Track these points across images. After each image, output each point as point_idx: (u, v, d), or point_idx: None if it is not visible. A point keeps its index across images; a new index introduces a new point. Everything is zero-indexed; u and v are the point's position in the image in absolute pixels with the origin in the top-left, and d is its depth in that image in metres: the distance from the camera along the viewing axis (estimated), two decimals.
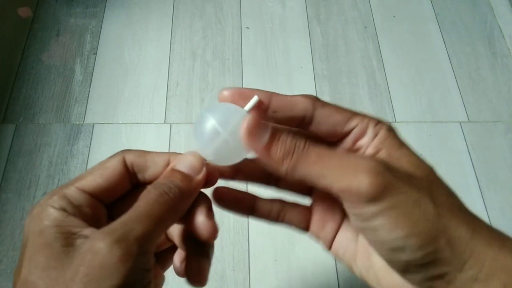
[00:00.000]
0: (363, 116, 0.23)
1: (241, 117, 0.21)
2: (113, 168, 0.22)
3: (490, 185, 0.68)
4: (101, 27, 0.82)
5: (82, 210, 0.20)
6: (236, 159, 0.23)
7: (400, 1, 0.88)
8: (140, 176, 0.23)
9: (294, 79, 0.78)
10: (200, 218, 0.23)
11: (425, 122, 0.74)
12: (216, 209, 0.24)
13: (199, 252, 0.24)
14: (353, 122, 0.23)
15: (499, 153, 0.71)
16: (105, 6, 0.84)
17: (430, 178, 0.21)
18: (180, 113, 0.73)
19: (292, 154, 0.21)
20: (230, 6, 0.85)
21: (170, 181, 0.21)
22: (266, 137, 0.21)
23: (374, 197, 0.19)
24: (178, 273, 0.25)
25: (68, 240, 0.19)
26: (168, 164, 0.23)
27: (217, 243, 0.61)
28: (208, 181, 0.24)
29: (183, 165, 0.22)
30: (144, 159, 0.23)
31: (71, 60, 0.78)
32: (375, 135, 0.22)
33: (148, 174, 0.23)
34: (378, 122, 0.23)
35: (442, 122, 0.74)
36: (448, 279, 0.19)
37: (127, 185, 0.23)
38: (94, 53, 0.79)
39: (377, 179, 0.19)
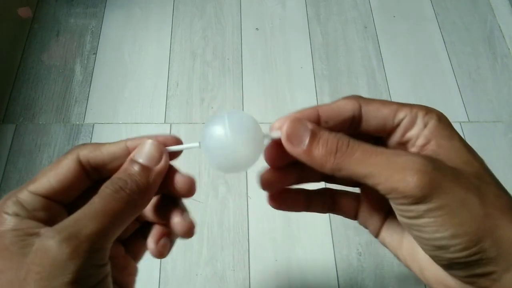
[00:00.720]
0: (411, 106, 0.22)
1: (254, 134, 0.22)
2: (67, 168, 0.21)
3: None
4: (101, 27, 0.82)
5: (36, 214, 0.20)
6: (244, 167, 0.23)
7: (400, 1, 0.88)
8: (102, 171, 0.23)
9: (294, 79, 0.78)
10: (176, 219, 0.23)
11: None
12: (217, 206, 0.24)
13: (178, 209, 0.24)
14: (401, 114, 0.22)
15: (499, 153, 0.71)
16: (105, 6, 0.84)
17: (480, 175, 0.21)
18: (180, 113, 0.73)
19: (336, 153, 0.20)
20: (230, 6, 0.85)
21: (127, 176, 0.21)
22: (307, 136, 0.20)
23: (421, 198, 0.19)
24: (154, 254, 0.24)
25: (25, 242, 0.18)
26: (127, 152, 0.23)
27: (217, 243, 0.61)
28: (188, 191, 0.23)
29: (141, 155, 0.22)
30: (100, 152, 0.22)
31: (71, 60, 0.78)
32: (425, 125, 0.22)
33: (109, 167, 0.22)
34: (428, 111, 0.22)
35: None
36: (493, 278, 0.19)
37: (85, 182, 0.22)
38: (94, 53, 0.79)
39: (424, 179, 0.19)
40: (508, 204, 0.20)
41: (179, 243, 0.61)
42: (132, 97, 0.74)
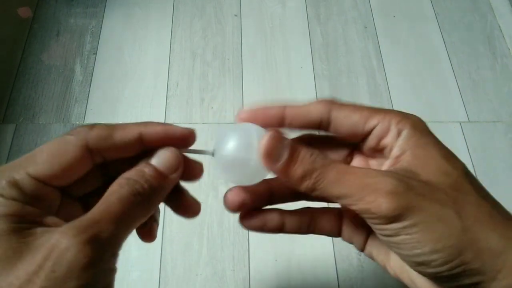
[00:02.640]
0: (385, 113, 0.22)
1: (258, 137, 0.21)
2: (74, 155, 0.20)
3: (490, 185, 0.68)
4: (101, 27, 0.82)
5: (37, 199, 0.19)
6: (255, 180, 0.23)
7: (400, 1, 0.88)
8: (107, 155, 0.22)
9: (294, 79, 0.78)
10: (186, 202, 0.24)
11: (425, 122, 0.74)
12: (217, 206, 0.24)
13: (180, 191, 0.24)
14: (373, 121, 0.22)
15: (499, 153, 0.71)
16: (105, 6, 0.84)
17: (458, 185, 0.21)
18: (180, 113, 0.73)
19: (311, 174, 0.20)
20: (230, 6, 0.85)
21: (144, 180, 0.20)
22: (285, 155, 0.20)
23: (394, 218, 0.19)
24: (146, 239, 0.24)
25: (27, 231, 0.17)
26: (139, 139, 0.22)
27: (217, 243, 0.61)
28: (195, 174, 0.24)
29: (159, 161, 0.21)
30: (112, 141, 0.21)
31: (71, 60, 0.78)
32: (399, 134, 0.22)
33: (117, 152, 0.22)
34: (402, 118, 0.22)
35: (442, 122, 0.74)
36: (482, 287, 0.19)
37: (87, 166, 0.21)
38: (94, 53, 0.79)
39: (395, 201, 0.19)
40: (488, 212, 0.20)
41: (179, 243, 0.61)
42: (132, 97, 0.74)
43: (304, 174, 0.20)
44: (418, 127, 0.22)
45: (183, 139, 0.23)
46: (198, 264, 0.60)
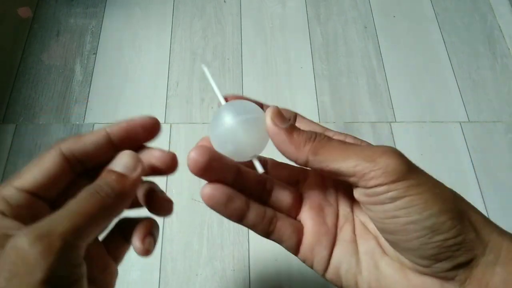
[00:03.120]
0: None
1: (258, 115, 0.23)
2: (51, 162, 0.22)
3: (490, 185, 0.68)
4: (101, 27, 0.82)
5: (20, 211, 0.20)
6: (249, 154, 0.23)
7: (400, 1, 0.88)
8: (86, 161, 0.23)
9: (294, 79, 0.78)
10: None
11: (425, 122, 0.74)
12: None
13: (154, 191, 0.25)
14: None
15: (499, 153, 0.71)
16: (105, 6, 0.84)
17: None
18: (180, 113, 0.73)
19: (314, 139, 0.21)
20: (230, 6, 0.85)
21: (103, 182, 0.21)
22: (287, 123, 0.22)
23: (401, 174, 0.19)
24: (141, 252, 0.24)
25: (3, 242, 0.18)
26: (108, 139, 0.23)
27: (217, 243, 0.61)
28: (169, 166, 0.24)
29: (118, 165, 0.22)
30: (82, 143, 0.23)
31: (71, 60, 0.78)
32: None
33: (92, 157, 0.23)
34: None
35: (442, 122, 0.74)
36: (472, 265, 0.19)
37: (69, 176, 0.23)
38: (94, 53, 0.79)
39: (402, 159, 0.20)
40: (464, 199, 0.22)
41: (179, 243, 0.61)
42: (132, 97, 0.74)
43: (308, 137, 0.21)
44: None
45: (145, 128, 0.24)
46: (198, 264, 0.60)
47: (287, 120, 0.22)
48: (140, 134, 0.24)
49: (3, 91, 0.73)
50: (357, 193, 0.22)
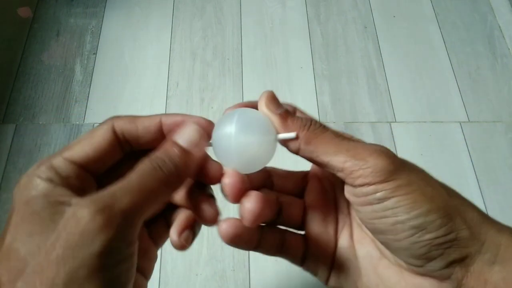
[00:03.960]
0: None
1: (265, 137, 0.22)
2: (102, 137, 0.22)
3: (490, 185, 0.68)
4: (101, 27, 0.82)
5: (70, 181, 0.20)
6: (254, 168, 0.23)
7: (400, 1, 0.88)
8: (133, 143, 0.23)
9: (294, 79, 0.78)
10: (204, 206, 0.23)
11: (425, 122, 0.74)
12: (218, 205, 0.24)
13: (206, 196, 0.24)
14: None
15: (499, 153, 0.71)
16: (105, 6, 0.84)
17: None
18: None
19: (309, 127, 0.21)
20: (230, 6, 0.85)
21: (166, 156, 0.20)
22: (282, 109, 0.22)
23: (390, 174, 0.19)
24: (176, 246, 0.24)
25: (56, 209, 0.18)
26: (160, 127, 0.23)
27: (217, 243, 0.61)
28: (211, 177, 0.23)
29: (183, 138, 0.22)
30: (134, 125, 0.22)
31: (71, 60, 0.78)
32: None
33: (141, 141, 0.23)
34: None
35: (442, 122, 0.74)
36: (467, 263, 0.19)
37: (118, 154, 0.23)
38: (94, 53, 0.79)
39: (391, 159, 0.20)
40: (459, 194, 0.21)
41: None
42: (132, 97, 0.74)
43: (304, 124, 0.21)
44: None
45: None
46: (198, 264, 0.60)
47: (281, 106, 0.22)
48: None
49: (3, 91, 0.73)
50: (347, 193, 0.22)
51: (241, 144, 0.21)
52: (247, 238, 0.24)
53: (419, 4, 0.88)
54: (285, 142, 0.22)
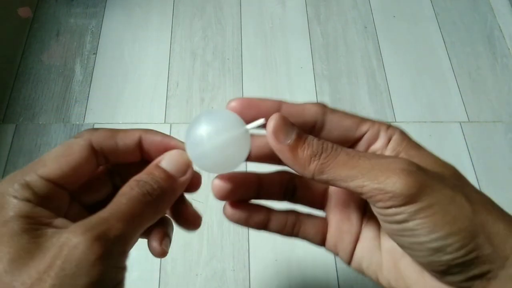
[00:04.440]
0: (373, 121, 0.22)
1: (235, 131, 0.21)
2: (80, 153, 0.21)
3: (490, 185, 0.68)
4: (101, 27, 0.82)
5: (47, 200, 0.19)
6: (220, 170, 0.23)
7: (400, 1, 0.88)
8: (111, 159, 0.23)
9: (294, 79, 0.78)
10: (186, 213, 0.24)
11: (425, 122, 0.74)
12: (217, 206, 0.24)
13: (184, 203, 0.25)
14: (364, 127, 0.22)
15: (499, 153, 0.71)
16: (105, 6, 0.84)
17: (458, 176, 0.21)
18: (180, 113, 0.73)
19: (320, 155, 0.20)
20: (230, 6, 0.85)
21: (154, 181, 0.20)
22: (293, 135, 0.20)
23: (410, 197, 0.18)
24: (159, 254, 0.24)
25: (38, 232, 0.18)
26: (139, 144, 0.23)
27: (217, 243, 0.61)
28: (192, 185, 0.24)
29: (169, 164, 0.22)
30: (114, 141, 0.22)
31: (71, 60, 0.78)
32: (389, 139, 0.22)
33: (120, 157, 0.23)
34: (389, 126, 0.22)
35: (442, 122, 0.74)
36: (489, 277, 0.19)
37: (94, 169, 0.22)
38: (94, 53, 0.79)
39: (412, 179, 0.18)
40: (490, 202, 0.20)
41: (179, 243, 0.61)
42: (132, 97, 0.74)
43: (313, 154, 0.20)
44: (406, 134, 0.22)
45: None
46: (198, 264, 0.60)
47: (291, 130, 0.20)
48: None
49: (3, 91, 0.73)
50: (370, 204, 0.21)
51: (214, 144, 0.21)
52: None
53: (419, 4, 0.88)
54: (299, 172, 0.21)
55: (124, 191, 0.20)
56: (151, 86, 0.76)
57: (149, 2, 0.85)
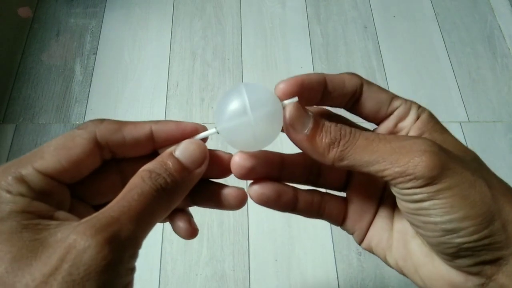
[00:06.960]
0: (406, 99, 0.23)
1: (275, 107, 0.20)
2: (82, 148, 0.19)
3: None
4: (101, 27, 0.82)
5: (45, 196, 0.18)
6: (251, 148, 0.21)
7: (400, 1, 0.88)
8: (118, 153, 0.21)
9: None
10: (181, 224, 0.22)
11: None
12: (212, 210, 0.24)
13: (184, 214, 0.23)
14: (396, 102, 0.22)
15: (499, 153, 0.71)
16: (105, 6, 0.84)
17: (478, 161, 0.21)
18: (180, 113, 0.73)
19: (339, 142, 0.19)
20: (230, 6, 0.85)
21: (167, 174, 0.19)
22: (310, 124, 0.19)
23: (431, 178, 0.18)
24: (190, 235, 0.23)
25: (39, 227, 0.16)
26: (150, 137, 0.21)
27: (217, 243, 0.61)
28: (222, 171, 0.22)
29: (184, 154, 0.20)
30: (121, 135, 0.20)
31: (71, 60, 0.78)
32: (417, 118, 0.22)
33: (128, 152, 0.21)
34: (420, 106, 0.22)
35: (442, 122, 0.73)
36: (500, 263, 0.19)
37: (97, 163, 0.20)
38: (94, 53, 0.79)
39: (433, 160, 0.18)
40: (509, 189, 0.20)
41: (179, 243, 0.61)
42: (132, 97, 0.74)
43: (332, 141, 0.19)
44: (434, 116, 0.23)
45: (193, 135, 0.22)
46: (198, 264, 0.60)
47: (308, 119, 0.20)
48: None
49: (3, 91, 0.73)
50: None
51: (260, 123, 0.20)
52: (276, 197, 0.23)
53: (419, 4, 0.88)
54: (318, 159, 0.20)
55: (135, 183, 0.18)
56: (151, 86, 0.76)
57: (149, 2, 0.85)
